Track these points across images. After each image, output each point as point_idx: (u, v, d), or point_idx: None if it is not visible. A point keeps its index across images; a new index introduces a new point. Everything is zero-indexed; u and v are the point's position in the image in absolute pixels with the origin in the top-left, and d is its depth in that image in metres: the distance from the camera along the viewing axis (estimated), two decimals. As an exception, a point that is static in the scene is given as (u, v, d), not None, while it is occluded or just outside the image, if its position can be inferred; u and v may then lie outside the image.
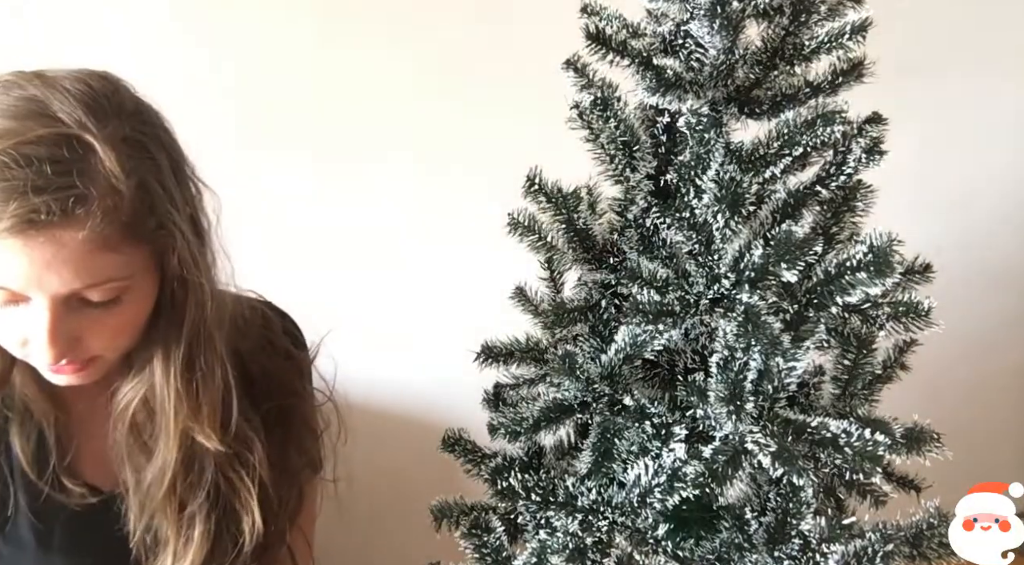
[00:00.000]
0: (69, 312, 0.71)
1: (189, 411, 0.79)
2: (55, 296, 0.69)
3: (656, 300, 0.73)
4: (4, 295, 0.70)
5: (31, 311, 0.70)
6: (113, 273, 0.71)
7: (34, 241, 0.66)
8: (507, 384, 0.92)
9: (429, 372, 1.54)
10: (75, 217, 0.66)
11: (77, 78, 0.72)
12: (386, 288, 1.50)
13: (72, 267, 0.68)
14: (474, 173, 1.49)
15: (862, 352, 0.83)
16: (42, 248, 0.66)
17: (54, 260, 0.67)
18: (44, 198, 0.65)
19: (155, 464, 0.82)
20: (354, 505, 1.11)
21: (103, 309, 0.72)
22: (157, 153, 0.74)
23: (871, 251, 0.69)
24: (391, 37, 1.44)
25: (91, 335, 0.73)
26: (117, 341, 0.76)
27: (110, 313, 0.73)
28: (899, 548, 0.75)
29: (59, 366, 0.74)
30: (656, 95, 0.76)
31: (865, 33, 0.76)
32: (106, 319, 0.73)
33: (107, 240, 0.69)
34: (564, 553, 0.76)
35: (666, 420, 0.77)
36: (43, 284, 0.68)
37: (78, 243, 0.67)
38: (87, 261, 0.68)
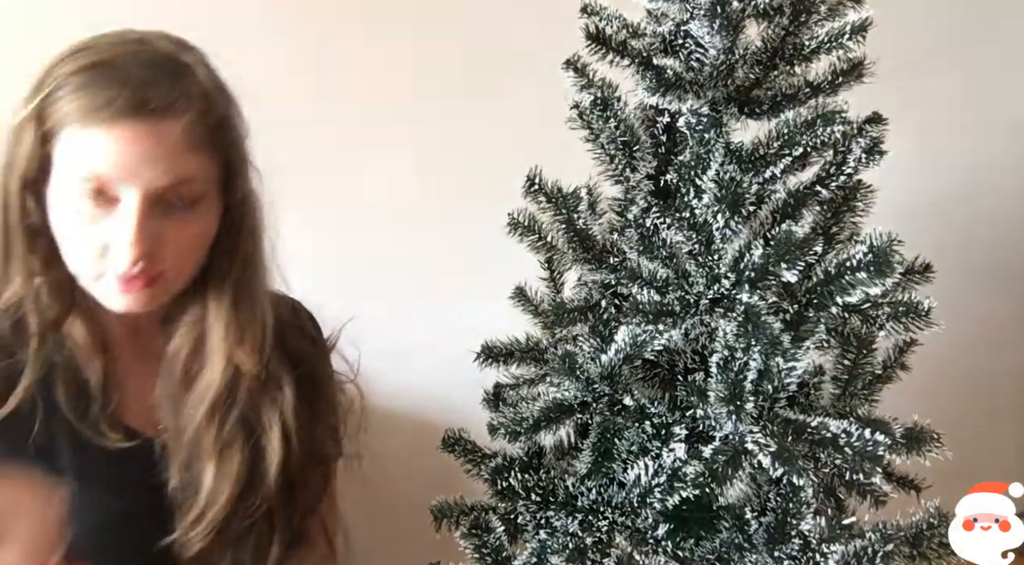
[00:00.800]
0: (153, 215, 0.78)
1: (235, 337, 0.86)
2: (147, 191, 0.76)
3: (656, 300, 0.73)
4: (96, 190, 0.76)
5: (118, 213, 0.77)
6: (198, 173, 0.79)
7: (139, 129, 0.75)
8: (507, 384, 0.92)
9: (429, 372, 1.54)
10: (176, 111, 0.77)
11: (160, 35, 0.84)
12: (386, 288, 1.50)
13: (167, 161, 0.76)
14: (474, 173, 1.49)
15: (862, 352, 0.83)
16: (146, 137, 0.75)
17: (153, 151, 0.76)
18: (154, 90, 0.76)
19: (198, 390, 0.86)
20: (354, 504, 1.11)
21: (181, 217, 0.79)
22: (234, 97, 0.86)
23: (871, 251, 0.69)
24: (391, 37, 1.44)
25: (167, 244, 0.79)
26: (187, 256, 0.82)
27: (186, 222, 0.80)
28: (899, 548, 0.75)
29: (131, 277, 0.78)
30: (656, 95, 0.76)
31: (865, 33, 0.76)
32: (182, 228, 0.80)
33: (197, 140, 0.78)
34: (564, 553, 0.76)
35: (666, 420, 0.77)
36: (140, 175, 0.76)
37: (176, 137, 0.76)
38: (179, 157, 0.77)
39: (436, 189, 1.50)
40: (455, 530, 0.86)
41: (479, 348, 0.91)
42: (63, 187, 0.78)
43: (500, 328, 0.90)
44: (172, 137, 0.76)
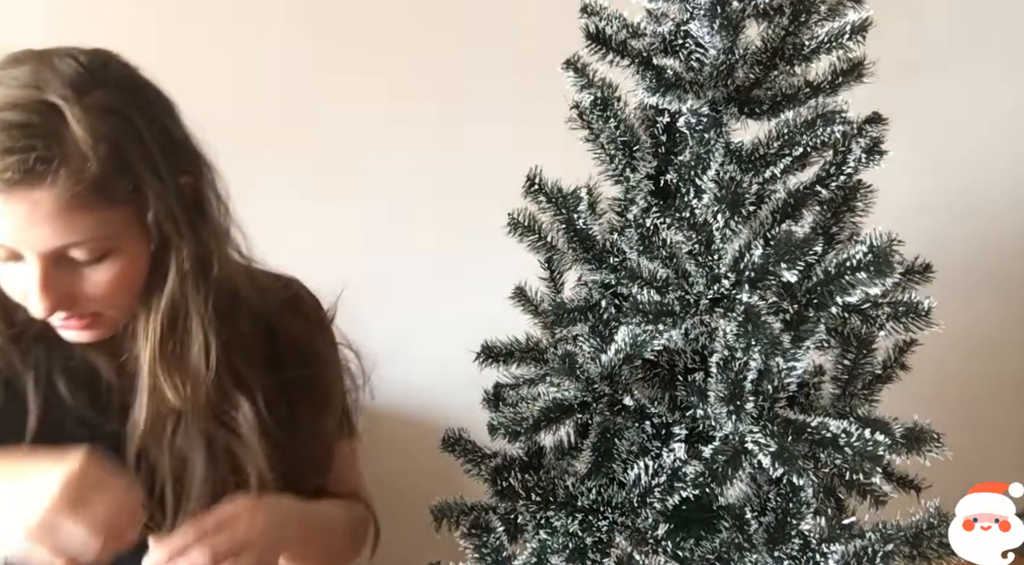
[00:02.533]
0: (59, 268, 0.76)
1: (164, 370, 0.83)
2: (41, 253, 0.74)
3: (656, 300, 0.73)
4: (2, 252, 0.75)
5: (27, 266, 0.75)
6: (92, 232, 0.75)
7: (10, 199, 0.71)
8: (507, 384, 0.92)
9: (429, 372, 1.54)
10: (39, 176, 0.71)
11: (71, 54, 0.77)
12: (385, 288, 1.50)
13: (49, 225, 0.73)
14: (474, 173, 1.49)
15: (862, 352, 0.83)
16: (18, 205, 0.72)
17: (30, 217, 0.72)
18: (11, 159, 0.70)
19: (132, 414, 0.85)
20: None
21: (91, 267, 0.77)
22: (140, 121, 0.77)
23: (871, 251, 0.69)
24: (392, 37, 1.44)
25: (83, 292, 0.78)
26: (113, 298, 0.80)
27: (99, 271, 0.77)
28: (899, 548, 0.75)
29: (62, 322, 0.79)
30: (656, 95, 0.76)
31: (865, 33, 0.76)
32: (96, 277, 0.77)
33: (78, 199, 0.73)
34: (564, 553, 0.76)
35: (666, 420, 0.77)
36: (27, 240, 0.74)
37: (49, 201, 0.72)
38: (62, 219, 0.73)
39: (436, 189, 1.50)
40: (455, 530, 0.86)
41: (479, 348, 0.90)
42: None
43: (500, 328, 0.90)
44: (45, 204, 0.72)
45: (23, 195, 0.71)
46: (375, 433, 1.12)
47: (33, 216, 0.72)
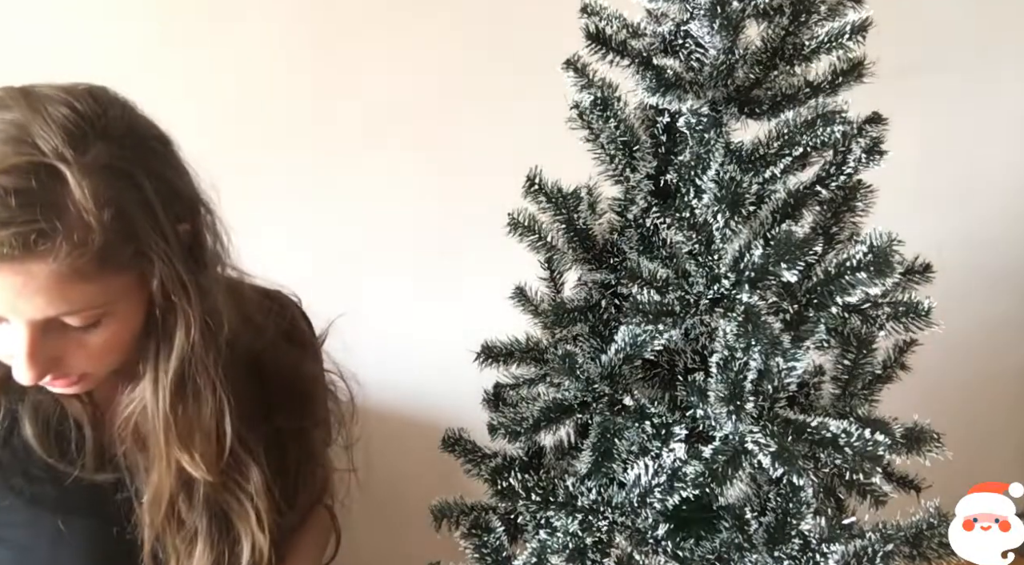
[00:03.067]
0: (48, 334, 0.71)
1: (178, 438, 0.78)
2: (31, 321, 0.69)
3: (656, 300, 0.73)
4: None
5: (12, 330, 0.70)
6: (89, 301, 0.70)
7: (1, 270, 0.66)
8: (507, 384, 0.92)
9: (429, 372, 1.54)
10: (39, 251, 0.65)
11: (64, 99, 0.70)
12: (385, 288, 1.50)
13: (44, 296, 0.67)
14: (474, 173, 1.49)
15: (862, 352, 0.83)
16: (11, 278, 0.66)
17: (24, 289, 0.66)
18: (8, 232, 0.64)
19: (152, 485, 0.81)
20: (354, 505, 1.11)
21: (83, 332, 0.72)
22: (143, 178, 0.71)
23: (871, 251, 0.69)
24: (392, 37, 1.44)
25: (72, 356, 0.73)
26: (102, 361, 0.76)
27: (91, 336, 0.73)
28: (899, 548, 0.75)
29: (46, 383, 0.75)
30: (656, 95, 0.76)
31: (865, 33, 0.76)
32: (87, 341, 0.73)
33: (79, 271, 0.67)
34: (564, 553, 0.76)
35: (666, 420, 0.77)
36: (18, 310, 0.68)
37: (47, 274, 0.66)
38: (59, 291, 0.68)
39: (436, 189, 1.50)
40: (455, 530, 0.86)
41: (479, 348, 0.90)
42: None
43: (500, 328, 0.90)
44: (42, 276, 0.66)
45: (17, 269, 0.66)
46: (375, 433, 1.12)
47: (26, 289, 0.66)
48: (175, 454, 0.78)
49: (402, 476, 1.39)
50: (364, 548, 1.43)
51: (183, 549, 0.83)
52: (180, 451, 0.78)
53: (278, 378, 0.91)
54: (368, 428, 1.09)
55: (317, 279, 1.08)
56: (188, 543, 0.83)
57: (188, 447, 0.78)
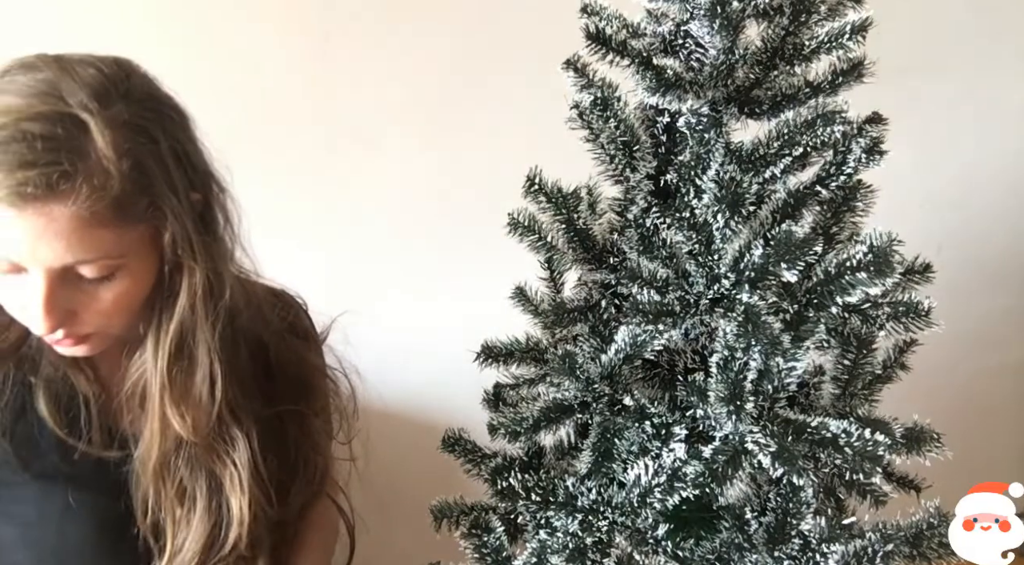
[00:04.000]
0: (64, 285, 0.73)
1: (172, 398, 0.81)
2: (49, 269, 0.72)
3: (656, 300, 0.73)
4: (5, 265, 0.72)
5: (29, 281, 0.73)
6: (105, 250, 0.73)
7: (25, 212, 0.69)
8: (507, 384, 0.92)
9: (429, 372, 1.54)
10: (61, 192, 0.69)
11: (92, 63, 0.74)
12: (385, 288, 1.50)
13: (63, 240, 0.70)
14: (474, 173, 1.49)
15: (862, 352, 0.83)
16: (33, 220, 0.69)
17: (45, 232, 0.70)
18: (33, 172, 0.68)
19: (144, 441, 0.84)
20: (353, 505, 1.11)
21: (97, 285, 0.75)
22: (161, 138, 0.75)
23: (871, 251, 0.69)
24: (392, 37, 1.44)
25: (86, 310, 0.76)
26: (112, 318, 0.78)
27: (104, 289, 0.75)
28: (899, 548, 0.75)
29: (57, 338, 0.77)
30: (656, 95, 0.76)
31: (865, 33, 0.76)
32: (101, 295, 0.75)
33: (97, 216, 0.71)
34: (564, 553, 0.76)
35: (666, 420, 0.77)
36: (36, 256, 0.71)
37: (67, 217, 0.70)
38: (77, 235, 0.71)
39: (436, 189, 1.50)
40: (455, 530, 0.86)
41: (479, 348, 0.90)
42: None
43: (500, 328, 0.90)
44: (63, 219, 0.70)
45: (39, 209, 0.69)
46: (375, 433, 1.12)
47: (47, 231, 0.70)
48: (168, 412, 0.81)
49: (402, 476, 1.39)
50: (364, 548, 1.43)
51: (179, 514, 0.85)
52: (172, 410, 0.81)
53: (280, 365, 0.93)
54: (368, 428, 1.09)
55: (317, 279, 1.08)
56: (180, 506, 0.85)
57: (179, 407, 0.81)
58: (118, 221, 0.72)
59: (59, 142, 0.69)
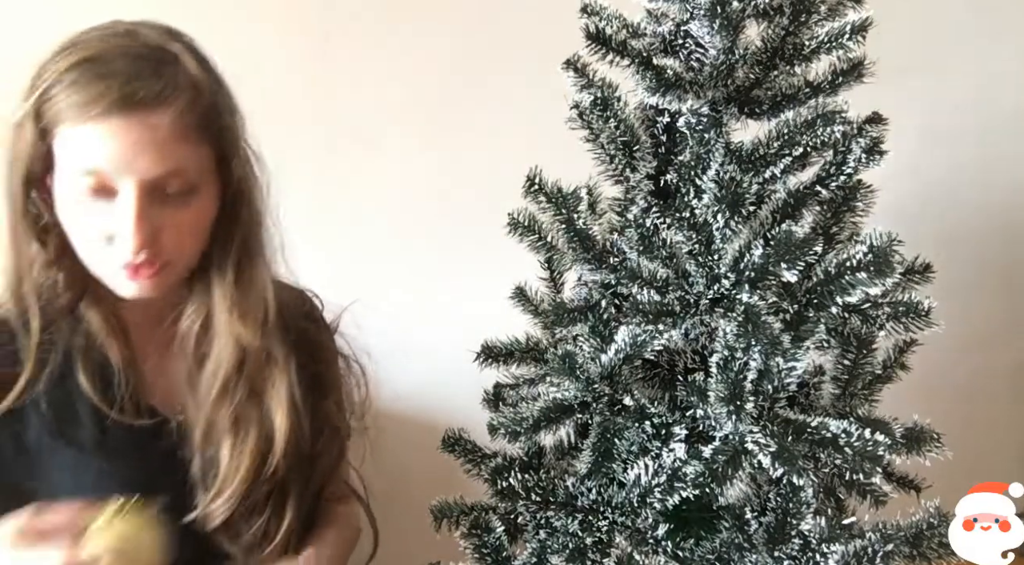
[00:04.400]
0: (151, 205, 0.80)
1: (238, 315, 0.89)
2: (142, 181, 0.79)
3: (656, 300, 0.73)
4: (95, 183, 0.78)
5: (118, 202, 0.79)
6: (188, 164, 0.81)
7: (130, 121, 0.77)
8: (507, 384, 0.92)
9: (429, 372, 1.54)
10: (164, 102, 0.79)
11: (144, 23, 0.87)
12: (385, 288, 1.50)
13: (159, 151, 0.79)
14: (474, 173, 1.49)
15: (862, 352, 0.83)
16: (137, 128, 0.78)
17: (145, 141, 0.78)
18: (142, 82, 0.78)
19: (209, 368, 0.89)
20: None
21: (177, 205, 0.82)
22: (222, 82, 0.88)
23: (871, 251, 0.69)
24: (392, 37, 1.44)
25: (167, 232, 0.82)
26: (187, 242, 0.85)
27: (183, 210, 0.82)
28: (899, 548, 0.75)
29: (137, 265, 0.81)
30: (656, 95, 0.76)
31: (865, 33, 0.76)
32: (180, 216, 0.82)
33: (186, 130, 0.80)
34: (564, 553, 0.76)
35: (666, 420, 0.77)
36: (135, 166, 0.78)
37: (165, 127, 0.79)
38: (170, 147, 0.79)
39: (436, 189, 1.50)
40: (455, 530, 0.86)
41: (479, 348, 0.90)
42: (65, 181, 0.80)
43: (500, 328, 0.90)
44: (162, 128, 0.79)
45: (143, 118, 0.78)
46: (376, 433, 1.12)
47: (147, 141, 0.78)
48: (236, 328, 0.88)
49: (402, 476, 1.39)
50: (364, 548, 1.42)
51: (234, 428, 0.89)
52: (240, 323, 0.88)
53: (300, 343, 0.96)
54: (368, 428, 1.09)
55: (317, 279, 1.08)
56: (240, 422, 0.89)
57: (244, 318, 0.89)
58: (201, 138, 0.82)
59: (160, 61, 0.81)
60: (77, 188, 0.79)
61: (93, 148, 0.78)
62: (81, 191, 0.79)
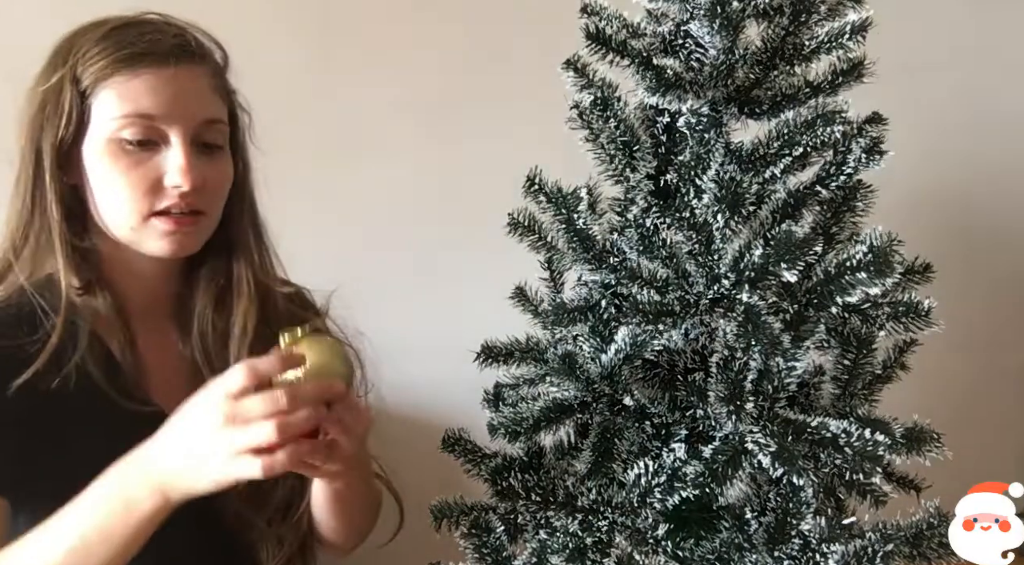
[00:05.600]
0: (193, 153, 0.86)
1: (259, 262, 0.96)
2: (190, 126, 0.86)
3: (656, 300, 0.73)
4: (144, 131, 0.84)
5: (167, 150, 0.86)
6: (221, 115, 0.91)
7: (181, 69, 0.86)
8: (507, 384, 0.92)
9: (429, 372, 1.54)
10: (203, 57, 0.90)
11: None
12: (385, 288, 1.50)
13: (203, 99, 0.88)
14: (474, 173, 1.49)
15: (862, 352, 0.83)
16: (184, 76, 0.87)
17: (192, 89, 0.87)
18: (185, 40, 0.89)
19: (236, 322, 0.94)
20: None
21: (211, 158, 0.89)
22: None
23: (871, 251, 0.69)
24: (392, 37, 1.44)
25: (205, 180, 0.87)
26: (218, 198, 0.92)
27: (214, 164, 0.90)
28: (899, 548, 0.75)
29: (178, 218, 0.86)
30: (656, 95, 0.76)
31: (865, 33, 0.76)
32: (215, 169, 0.90)
33: (215, 83, 0.91)
34: (564, 553, 0.76)
35: (666, 420, 0.77)
36: (184, 110, 0.86)
37: (206, 78, 0.89)
38: (210, 97, 0.90)
39: (436, 189, 1.50)
40: (455, 530, 0.86)
41: (479, 348, 0.90)
42: (107, 136, 0.84)
43: (500, 328, 0.90)
44: (204, 78, 0.89)
45: (189, 68, 0.87)
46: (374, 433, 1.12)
47: (195, 88, 0.87)
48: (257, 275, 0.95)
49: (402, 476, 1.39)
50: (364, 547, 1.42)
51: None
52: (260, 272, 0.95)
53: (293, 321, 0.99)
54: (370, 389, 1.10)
55: (316, 279, 1.08)
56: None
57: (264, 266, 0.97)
58: (223, 101, 0.92)
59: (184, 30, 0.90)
60: (124, 138, 0.84)
61: (145, 96, 0.84)
62: (128, 141, 0.84)
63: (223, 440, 0.72)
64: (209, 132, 0.89)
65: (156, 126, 0.85)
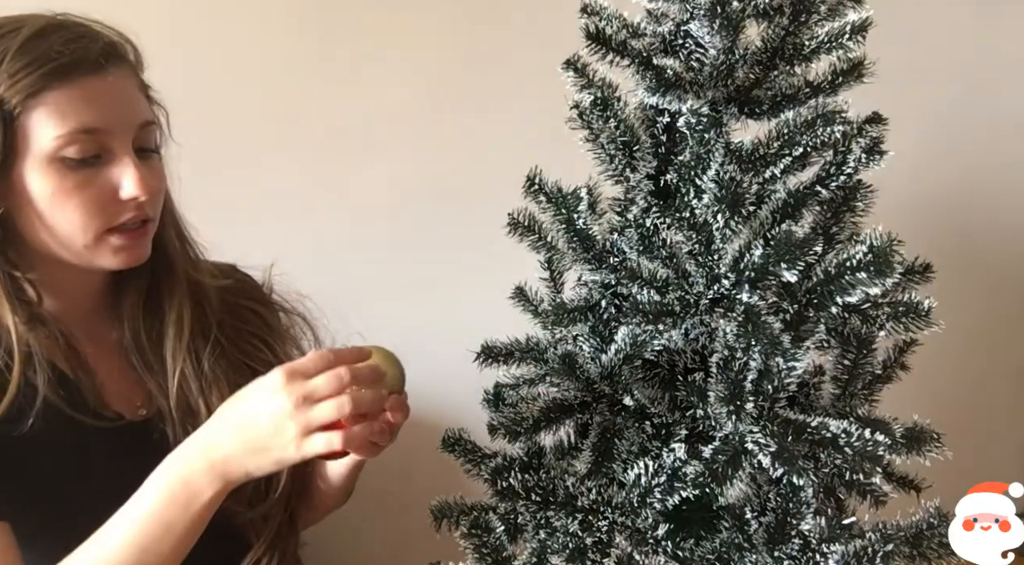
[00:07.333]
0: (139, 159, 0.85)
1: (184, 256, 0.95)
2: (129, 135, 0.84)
3: (656, 300, 0.73)
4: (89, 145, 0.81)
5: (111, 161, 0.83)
6: (151, 115, 0.89)
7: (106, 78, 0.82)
8: (507, 384, 0.92)
9: (429, 372, 1.54)
10: (125, 58, 0.87)
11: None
12: (385, 288, 1.50)
13: (136, 102, 0.86)
14: (474, 173, 1.49)
15: (862, 352, 0.83)
16: (120, 81, 0.84)
17: (128, 92, 0.85)
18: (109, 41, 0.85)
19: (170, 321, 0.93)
20: (354, 504, 1.11)
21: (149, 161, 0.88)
22: None
23: (871, 251, 0.69)
24: (392, 36, 1.44)
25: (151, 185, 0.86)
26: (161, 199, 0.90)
27: (155, 166, 0.89)
28: (899, 548, 0.75)
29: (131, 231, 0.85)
30: (656, 95, 0.76)
31: (865, 33, 0.76)
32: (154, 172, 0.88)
33: (139, 82, 0.89)
34: (564, 553, 0.76)
35: (666, 420, 0.77)
36: (125, 117, 0.84)
37: (132, 78, 0.87)
38: (139, 97, 0.87)
39: (436, 188, 1.50)
40: (455, 530, 0.86)
41: (479, 348, 0.90)
42: (46, 157, 0.80)
43: (500, 328, 0.90)
44: (131, 79, 0.86)
45: (117, 72, 0.83)
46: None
47: (127, 91, 0.85)
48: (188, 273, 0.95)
49: (402, 476, 1.39)
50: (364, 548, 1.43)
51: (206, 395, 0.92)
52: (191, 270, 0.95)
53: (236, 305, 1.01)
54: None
55: (316, 279, 1.08)
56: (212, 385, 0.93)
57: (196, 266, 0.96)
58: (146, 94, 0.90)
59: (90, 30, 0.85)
60: (66, 157, 0.80)
61: (85, 110, 0.79)
62: (71, 158, 0.80)
63: (298, 419, 0.74)
64: (146, 136, 0.87)
65: (99, 140, 0.81)
